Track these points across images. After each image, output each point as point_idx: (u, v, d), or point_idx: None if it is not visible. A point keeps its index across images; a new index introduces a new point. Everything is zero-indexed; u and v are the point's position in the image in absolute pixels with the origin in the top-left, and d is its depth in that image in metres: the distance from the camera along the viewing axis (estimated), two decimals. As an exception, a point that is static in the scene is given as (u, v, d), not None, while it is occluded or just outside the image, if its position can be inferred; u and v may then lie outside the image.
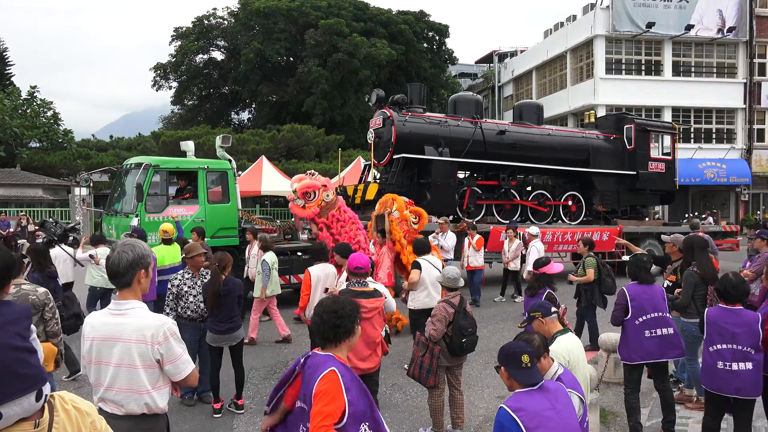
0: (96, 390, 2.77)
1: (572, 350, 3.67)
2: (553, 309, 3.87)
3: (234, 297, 5.73)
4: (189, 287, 5.84)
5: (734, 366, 4.17)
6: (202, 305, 5.82)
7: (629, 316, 4.94)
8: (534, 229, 11.27)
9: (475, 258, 11.06)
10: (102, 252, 8.15)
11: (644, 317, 4.91)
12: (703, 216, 24.08)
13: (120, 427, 2.66)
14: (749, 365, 4.15)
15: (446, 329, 4.95)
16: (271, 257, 8.54)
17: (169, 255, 7.82)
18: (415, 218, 8.62)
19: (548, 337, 3.74)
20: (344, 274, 5.47)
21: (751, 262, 7.37)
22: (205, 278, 5.79)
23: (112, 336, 2.70)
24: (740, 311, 4.30)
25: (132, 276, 2.73)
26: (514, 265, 11.47)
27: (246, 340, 8.12)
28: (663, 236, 7.46)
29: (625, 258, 12.42)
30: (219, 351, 5.78)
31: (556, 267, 5.75)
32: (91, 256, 8.19)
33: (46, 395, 1.90)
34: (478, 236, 11.19)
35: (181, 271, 6.02)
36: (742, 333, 4.18)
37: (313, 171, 9.20)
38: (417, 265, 6.76)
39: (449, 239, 10.94)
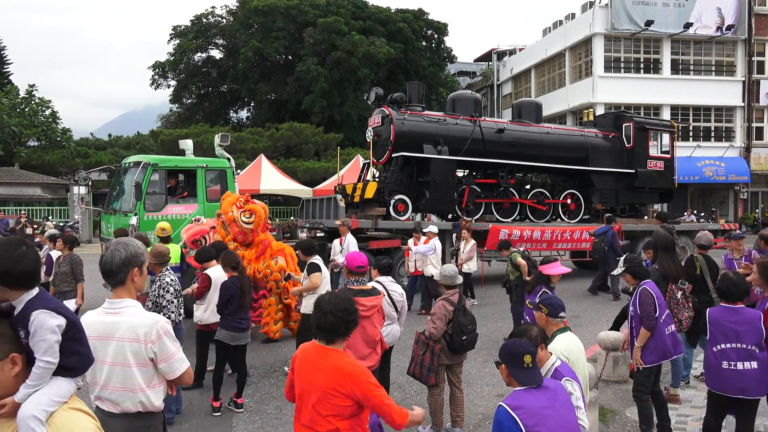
0: (92, 389, 2.77)
1: (572, 348, 3.67)
2: (562, 314, 3.81)
3: (251, 294, 5.86)
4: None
5: (739, 365, 4.12)
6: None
7: (657, 314, 4.72)
8: (433, 228, 10.62)
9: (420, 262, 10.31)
10: None
11: (664, 314, 4.78)
12: (685, 213, 24.30)
13: (116, 425, 2.68)
14: (754, 364, 4.11)
15: (446, 327, 4.95)
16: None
17: (165, 254, 7.81)
18: (249, 217, 7.83)
19: (548, 335, 3.74)
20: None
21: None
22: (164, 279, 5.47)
23: (107, 334, 2.70)
24: (742, 309, 4.26)
25: (125, 274, 2.72)
26: (468, 267, 10.76)
27: None
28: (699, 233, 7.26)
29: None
30: (229, 349, 5.81)
31: (557, 269, 5.59)
32: None
33: None
34: (424, 239, 10.46)
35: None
36: (746, 331, 4.14)
37: (199, 217, 9.02)
38: (317, 268, 6.45)
39: (349, 244, 9.73)
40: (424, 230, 10.55)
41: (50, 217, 24.23)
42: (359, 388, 2.82)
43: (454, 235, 12.28)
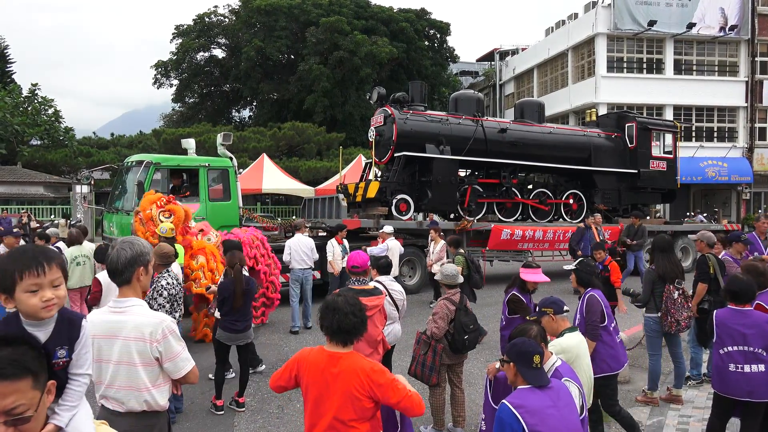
0: (98, 387, 2.78)
1: (580, 348, 3.70)
2: (566, 308, 3.86)
3: (251, 295, 5.84)
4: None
5: (746, 368, 4.10)
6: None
7: (605, 323, 4.67)
8: (388, 228, 10.43)
9: None
10: None
11: (613, 323, 4.75)
12: (692, 213, 24.23)
13: (121, 425, 2.68)
14: (761, 367, 4.08)
15: (448, 327, 4.95)
16: (71, 252, 8.20)
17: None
18: (168, 217, 7.66)
19: (555, 335, 3.76)
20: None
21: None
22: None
23: (112, 333, 2.71)
24: (749, 312, 4.23)
25: (131, 273, 2.74)
26: (438, 268, 10.41)
27: None
28: (690, 235, 7.42)
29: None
30: (227, 349, 5.81)
31: (532, 276, 5.36)
32: None
33: None
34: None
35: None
36: (753, 334, 4.11)
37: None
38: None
39: (298, 243, 9.17)
40: (379, 230, 10.37)
41: (69, 218, 24.18)
42: (380, 386, 2.73)
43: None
